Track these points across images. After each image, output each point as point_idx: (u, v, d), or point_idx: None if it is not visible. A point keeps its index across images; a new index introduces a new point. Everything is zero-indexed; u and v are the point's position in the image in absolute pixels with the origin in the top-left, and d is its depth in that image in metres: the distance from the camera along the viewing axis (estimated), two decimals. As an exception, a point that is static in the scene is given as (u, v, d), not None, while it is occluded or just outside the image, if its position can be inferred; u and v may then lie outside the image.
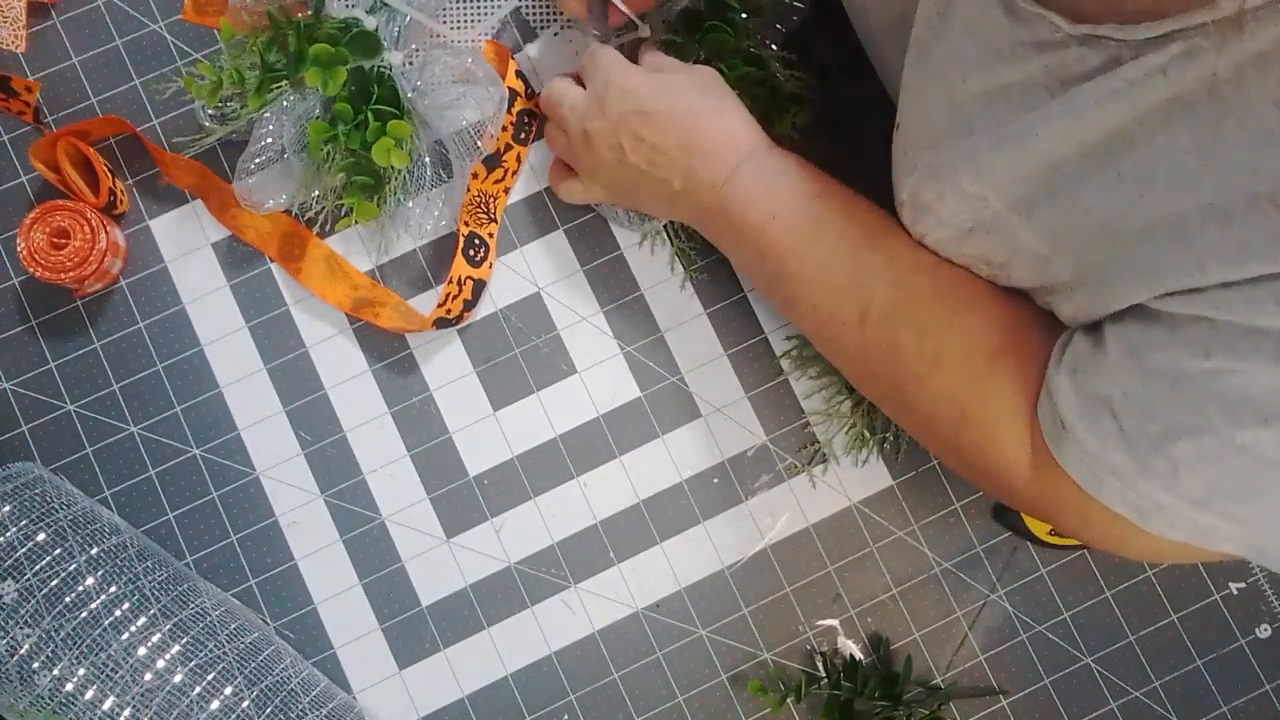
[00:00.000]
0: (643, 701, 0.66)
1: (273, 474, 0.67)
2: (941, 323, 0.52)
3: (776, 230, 0.57)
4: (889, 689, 0.64)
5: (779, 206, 0.57)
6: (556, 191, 0.68)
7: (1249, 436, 0.39)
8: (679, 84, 0.60)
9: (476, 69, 0.65)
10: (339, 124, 0.64)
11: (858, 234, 0.55)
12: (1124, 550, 0.49)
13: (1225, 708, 0.66)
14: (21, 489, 0.60)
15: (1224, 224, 0.37)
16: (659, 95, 0.59)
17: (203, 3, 0.67)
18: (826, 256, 0.55)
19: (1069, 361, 0.46)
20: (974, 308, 0.52)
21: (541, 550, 0.67)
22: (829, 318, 0.56)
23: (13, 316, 0.67)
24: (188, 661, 0.58)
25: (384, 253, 0.68)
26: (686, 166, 0.59)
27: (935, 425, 0.53)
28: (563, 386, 0.68)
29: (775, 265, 0.57)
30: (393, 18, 0.65)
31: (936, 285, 0.53)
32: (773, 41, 0.67)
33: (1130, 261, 0.41)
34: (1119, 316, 0.44)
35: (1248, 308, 0.37)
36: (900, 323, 0.53)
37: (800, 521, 0.67)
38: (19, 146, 0.68)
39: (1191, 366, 0.39)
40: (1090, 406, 0.44)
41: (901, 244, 0.54)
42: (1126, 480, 0.43)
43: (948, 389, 0.52)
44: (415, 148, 0.65)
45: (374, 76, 0.64)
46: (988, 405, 0.50)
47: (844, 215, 0.56)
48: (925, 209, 0.51)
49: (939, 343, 0.52)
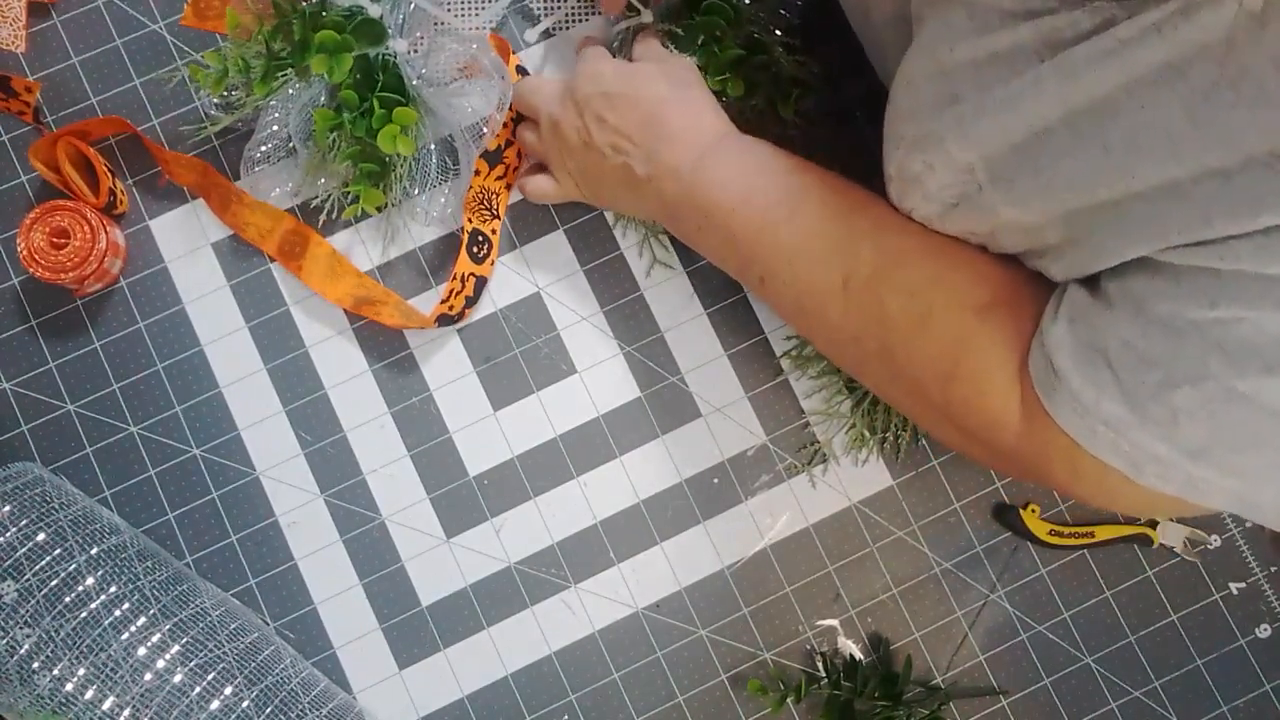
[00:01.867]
0: (643, 701, 0.66)
1: (273, 474, 0.67)
2: (929, 280, 0.51)
3: (749, 211, 0.56)
4: (889, 689, 0.64)
5: (751, 187, 0.57)
6: (523, 192, 0.67)
7: (1252, 385, 0.39)
8: (648, 71, 0.61)
9: (482, 57, 0.65)
10: (344, 112, 0.64)
11: (839, 203, 0.55)
12: (1114, 504, 0.49)
13: (1225, 708, 0.66)
14: (21, 489, 0.60)
15: (1224, 182, 0.37)
16: (626, 80, 0.60)
17: (203, 8, 0.67)
18: (807, 227, 0.55)
19: (1066, 312, 0.45)
20: (963, 265, 0.51)
21: (541, 550, 0.67)
22: (809, 288, 0.55)
23: (13, 316, 0.67)
24: (188, 661, 0.58)
25: (390, 240, 0.68)
26: (650, 150, 0.59)
27: (923, 386, 0.52)
28: (563, 386, 0.68)
29: (749, 246, 0.57)
30: (397, 5, 0.65)
31: (924, 246, 0.52)
32: (776, 27, 0.68)
33: (1127, 221, 0.41)
34: (1118, 269, 0.43)
35: (1257, 256, 0.37)
36: (886, 284, 0.52)
37: (800, 521, 0.67)
38: (19, 146, 0.68)
39: (1196, 315, 0.39)
40: (1087, 356, 0.44)
41: (886, 210, 0.54)
42: (1120, 431, 0.43)
43: (936, 346, 0.51)
44: (421, 135, 0.65)
45: (379, 64, 0.64)
46: (976, 358, 0.50)
47: (823, 187, 0.56)
48: (913, 182, 0.50)
49: (927, 300, 0.51)
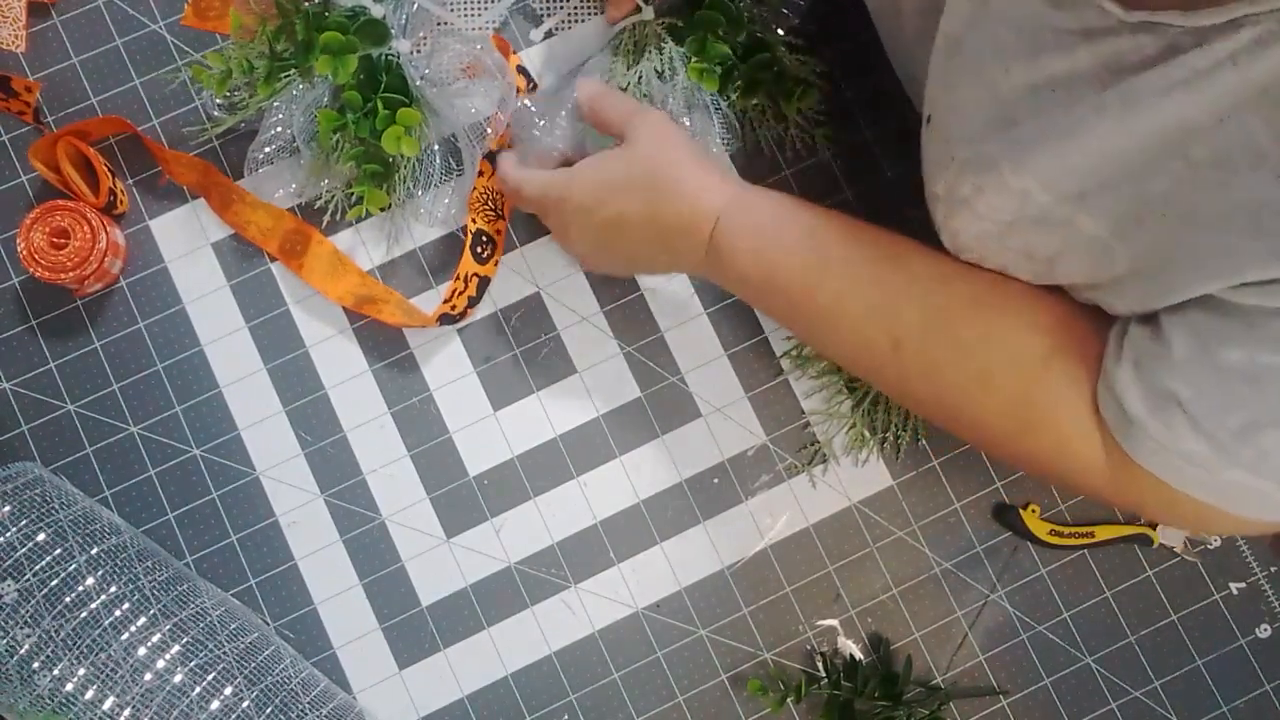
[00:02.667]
0: (643, 701, 0.66)
1: (273, 474, 0.67)
2: (980, 337, 0.50)
3: (780, 279, 0.54)
4: (889, 689, 0.64)
5: (773, 256, 0.54)
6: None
7: None
8: (621, 179, 0.57)
9: (485, 57, 0.65)
10: (348, 112, 0.64)
11: (868, 257, 0.53)
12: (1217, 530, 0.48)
13: (1225, 708, 0.66)
14: (21, 489, 0.60)
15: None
16: (609, 200, 0.57)
17: (203, 8, 0.67)
18: (841, 290, 0.53)
19: (1130, 355, 0.44)
20: (1010, 314, 0.50)
21: (541, 550, 0.67)
22: (860, 349, 0.53)
23: (13, 316, 0.67)
24: (188, 661, 0.58)
25: (393, 241, 0.68)
26: (665, 247, 0.57)
27: (997, 438, 0.51)
28: (563, 386, 0.68)
29: (789, 309, 0.55)
30: (400, 5, 0.65)
31: (967, 296, 0.51)
32: (779, 25, 0.68)
33: (1201, 250, 0.40)
34: (1179, 307, 0.42)
35: None
36: (937, 344, 0.51)
37: (800, 521, 0.67)
38: (19, 146, 0.68)
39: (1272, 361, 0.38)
40: (1158, 402, 0.43)
41: (919, 259, 0.52)
42: (1209, 469, 0.42)
43: (1002, 403, 0.50)
44: (424, 136, 0.65)
45: (382, 64, 0.64)
46: (1048, 412, 0.49)
47: (847, 241, 0.53)
48: (962, 203, 0.48)
49: (984, 361, 0.50)
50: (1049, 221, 0.45)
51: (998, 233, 0.48)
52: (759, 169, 0.69)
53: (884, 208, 0.64)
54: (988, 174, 0.46)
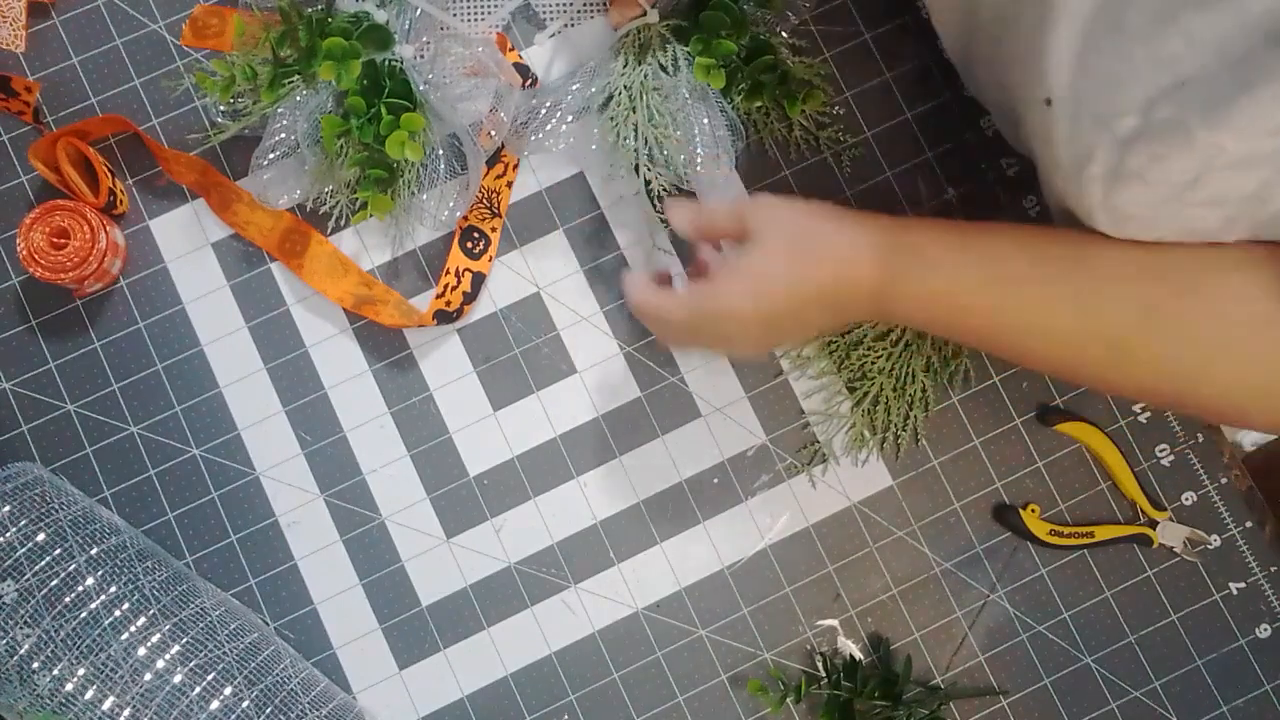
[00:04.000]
0: (643, 701, 0.66)
1: (273, 474, 0.67)
2: (1196, 323, 0.49)
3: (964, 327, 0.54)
4: (889, 689, 0.64)
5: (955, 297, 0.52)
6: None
7: None
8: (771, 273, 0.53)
9: (488, 60, 0.65)
10: (352, 118, 0.64)
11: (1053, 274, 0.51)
12: None
13: (1225, 708, 0.66)
14: (21, 489, 0.60)
15: None
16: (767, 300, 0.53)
17: (201, 26, 0.68)
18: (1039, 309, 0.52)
19: None
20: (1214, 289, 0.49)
21: (541, 550, 0.67)
22: (1077, 362, 0.53)
23: (13, 316, 0.67)
24: (187, 662, 0.58)
25: (398, 245, 0.68)
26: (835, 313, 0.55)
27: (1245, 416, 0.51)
28: (563, 386, 0.68)
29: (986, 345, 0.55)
30: (403, 10, 0.65)
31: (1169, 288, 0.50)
32: (782, 28, 0.68)
33: None
34: None
35: None
36: (1153, 342, 0.50)
37: (800, 521, 0.67)
38: (19, 146, 0.68)
39: None
40: None
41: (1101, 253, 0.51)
42: None
43: (1242, 383, 0.49)
44: (428, 140, 0.65)
45: (385, 70, 0.64)
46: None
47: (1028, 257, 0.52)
48: (1133, 177, 0.47)
49: (1208, 345, 0.49)
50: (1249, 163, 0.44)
51: (1175, 195, 0.47)
52: (762, 170, 0.69)
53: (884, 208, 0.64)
54: (1170, 138, 0.45)
